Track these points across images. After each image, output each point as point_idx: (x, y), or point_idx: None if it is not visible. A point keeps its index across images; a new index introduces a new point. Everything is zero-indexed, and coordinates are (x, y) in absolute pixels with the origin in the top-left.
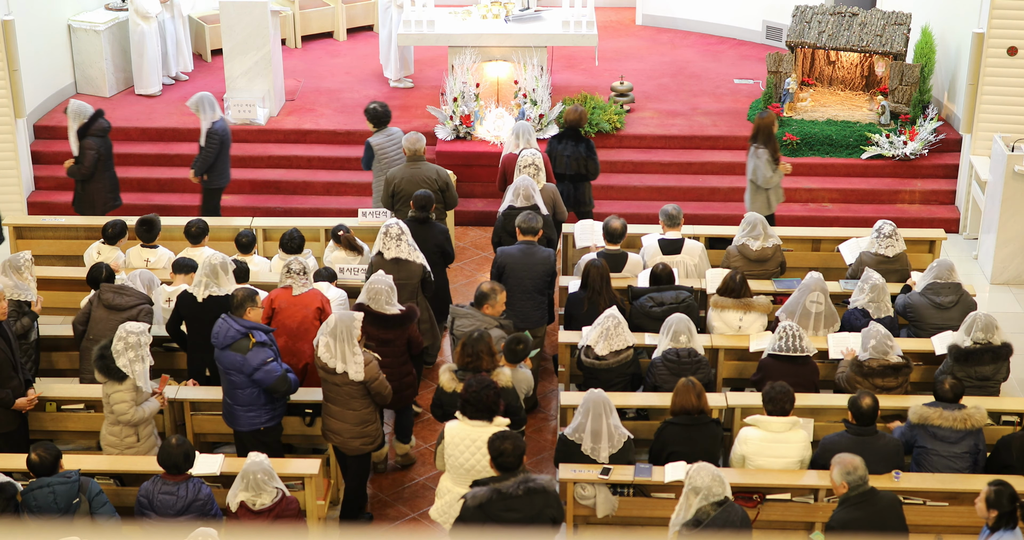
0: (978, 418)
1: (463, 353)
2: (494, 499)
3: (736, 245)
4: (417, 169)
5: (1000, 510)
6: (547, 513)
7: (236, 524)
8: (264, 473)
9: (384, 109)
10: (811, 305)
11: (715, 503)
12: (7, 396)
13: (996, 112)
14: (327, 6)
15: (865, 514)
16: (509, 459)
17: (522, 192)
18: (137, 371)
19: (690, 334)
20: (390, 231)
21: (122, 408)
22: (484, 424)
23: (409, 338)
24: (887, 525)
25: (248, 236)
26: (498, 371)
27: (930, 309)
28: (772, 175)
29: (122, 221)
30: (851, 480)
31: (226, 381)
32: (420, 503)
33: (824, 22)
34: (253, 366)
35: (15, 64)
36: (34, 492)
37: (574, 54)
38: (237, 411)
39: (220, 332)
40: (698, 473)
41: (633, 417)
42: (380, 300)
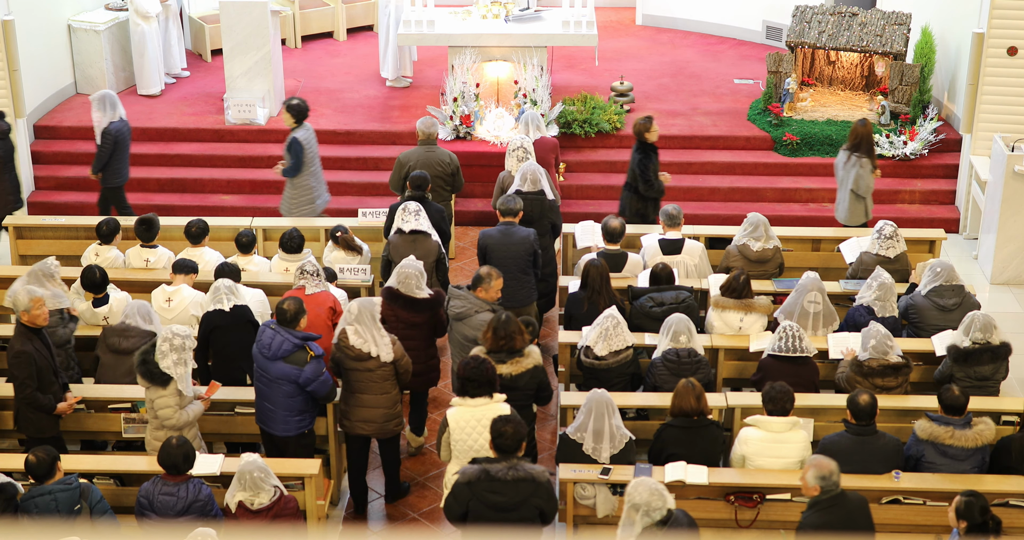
0: (988, 435)
1: (495, 337)
2: (482, 479)
3: (736, 245)
4: (431, 153)
5: (970, 522)
6: (534, 502)
7: (235, 524)
8: (260, 471)
9: (305, 104)
10: (809, 305)
11: (659, 522)
12: (49, 401)
13: (996, 112)
14: (327, 6)
15: (836, 517)
16: (508, 441)
17: (529, 177)
18: (180, 374)
19: (690, 334)
20: (408, 207)
21: (167, 413)
22: (486, 401)
23: (436, 322)
24: (857, 526)
25: (248, 236)
26: (529, 350)
27: (933, 311)
28: (872, 185)
29: (115, 219)
30: (825, 484)
31: (269, 388)
32: (420, 503)
33: (824, 22)
34: (310, 378)
35: (15, 64)
36: (35, 499)
37: (574, 54)
38: (283, 416)
39: (272, 344)
40: (636, 489)
41: (633, 417)
42: (411, 284)
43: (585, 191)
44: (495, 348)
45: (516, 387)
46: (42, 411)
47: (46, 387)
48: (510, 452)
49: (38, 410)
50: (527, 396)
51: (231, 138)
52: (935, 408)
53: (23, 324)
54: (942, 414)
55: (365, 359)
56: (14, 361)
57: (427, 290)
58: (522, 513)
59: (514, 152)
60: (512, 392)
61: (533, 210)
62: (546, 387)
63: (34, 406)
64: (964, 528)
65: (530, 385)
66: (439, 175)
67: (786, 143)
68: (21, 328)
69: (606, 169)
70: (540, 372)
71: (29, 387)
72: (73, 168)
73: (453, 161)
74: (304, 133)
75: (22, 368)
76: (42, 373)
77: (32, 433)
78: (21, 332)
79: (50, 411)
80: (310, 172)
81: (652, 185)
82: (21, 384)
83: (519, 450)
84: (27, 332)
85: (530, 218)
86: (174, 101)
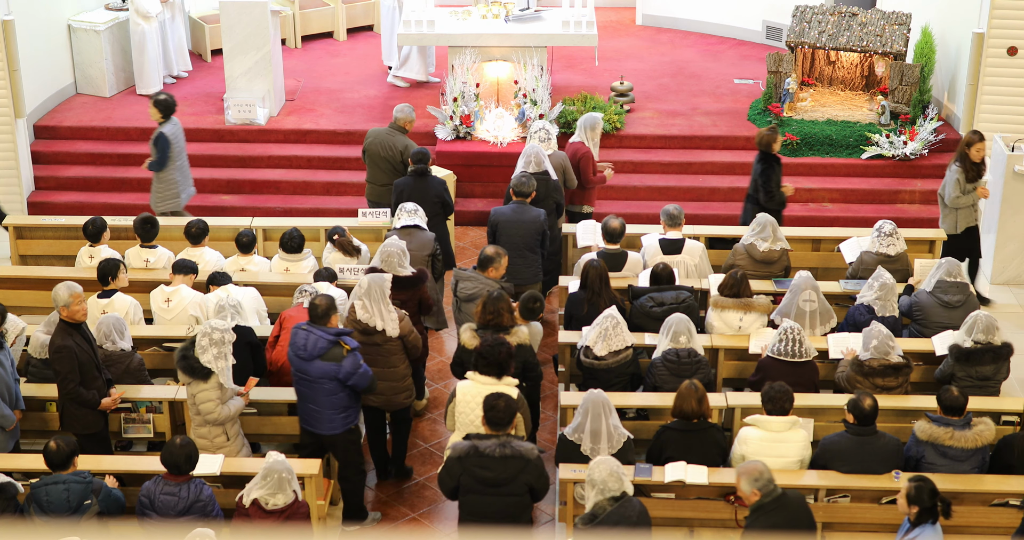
0: (988, 436)
1: (484, 311)
2: (471, 454)
3: (744, 244)
4: (390, 136)
5: (921, 506)
6: (523, 479)
7: (245, 522)
8: (288, 472)
9: (172, 99)
10: (804, 304)
11: (611, 498)
12: (93, 397)
13: (996, 112)
14: (327, 6)
15: (782, 519)
16: (499, 415)
17: (533, 158)
18: (221, 368)
19: (690, 334)
20: (406, 207)
21: (208, 407)
22: (494, 381)
23: (420, 299)
24: (801, 525)
25: (248, 236)
26: (516, 329)
27: (937, 308)
28: (960, 195)
29: (101, 218)
30: (761, 486)
31: (311, 389)
32: (420, 503)
33: (824, 22)
34: (350, 372)
35: (15, 64)
36: (47, 487)
37: (574, 54)
38: (329, 415)
39: (307, 344)
40: (597, 466)
41: (633, 417)
42: (393, 262)
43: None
44: (483, 323)
45: None
46: (86, 406)
47: (89, 382)
48: (502, 425)
49: (82, 405)
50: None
51: (231, 138)
52: (935, 408)
53: (63, 319)
54: (941, 415)
55: (371, 333)
56: (55, 356)
57: (410, 269)
58: (511, 489)
59: (536, 133)
60: None
61: (538, 190)
62: (533, 367)
63: (78, 401)
64: (915, 513)
65: (515, 363)
66: (387, 158)
67: (786, 143)
68: (61, 323)
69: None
70: (526, 351)
71: (72, 382)
72: (73, 168)
73: (406, 150)
74: (171, 128)
75: (64, 363)
76: (84, 368)
77: (78, 430)
78: (61, 327)
79: (94, 406)
80: (176, 167)
81: (773, 196)
82: (64, 379)
83: (510, 425)
84: (67, 327)
85: (535, 198)
86: None
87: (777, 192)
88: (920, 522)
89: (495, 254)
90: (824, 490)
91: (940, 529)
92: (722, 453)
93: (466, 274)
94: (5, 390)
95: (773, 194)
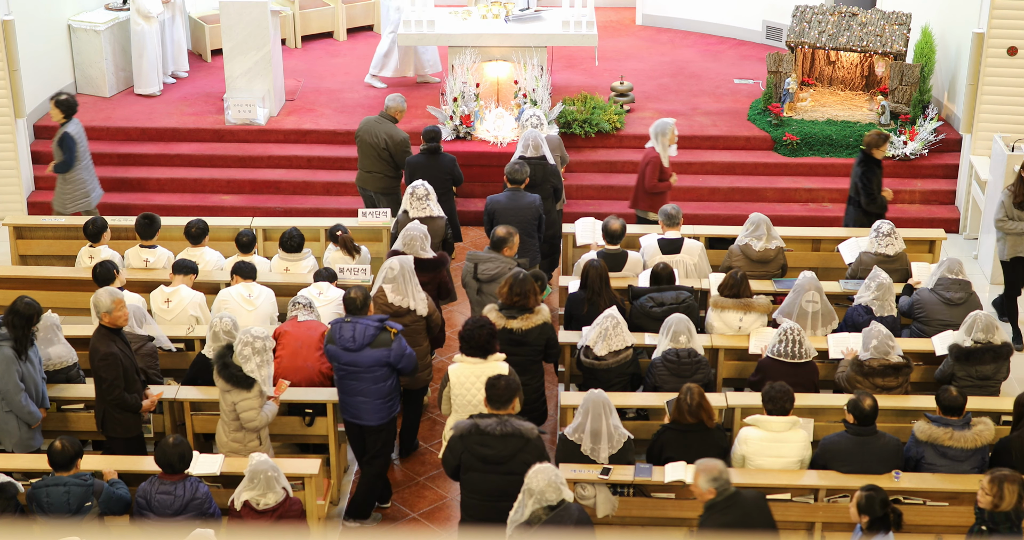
0: (987, 436)
1: (511, 292)
2: (473, 433)
3: (739, 244)
4: (378, 124)
5: (872, 515)
6: (522, 457)
7: (239, 523)
8: (273, 471)
9: (74, 99)
10: (807, 304)
11: (547, 507)
12: (136, 401)
13: (996, 112)
14: (327, 6)
15: (734, 517)
16: (500, 393)
17: (531, 142)
18: (263, 376)
19: (690, 334)
20: (416, 192)
21: (250, 415)
22: (479, 361)
23: (440, 281)
24: (755, 524)
25: (248, 236)
26: (539, 308)
27: (939, 305)
28: (1005, 220)
29: (102, 218)
30: (718, 485)
31: (361, 382)
32: (420, 503)
33: (824, 22)
34: (400, 354)
35: (15, 64)
36: (48, 488)
37: (574, 54)
38: (377, 405)
39: (355, 335)
40: (536, 476)
41: (633, 417)
42: (415, 245)
43: (585, 191)
44: (509, 303)
45: (526, 342)
46: (129, 411)
47: (131, 386)
48: (502, 404)
49: (125, 410)
50: (536, 351)
51: (231, 138)
52: (935, 408)
53: (104, 326)
54: (940, 415)
55: (401, 314)
56: (101, 364)
57: (431, 251)
58: (511, 467)
59: (528, 120)
60: (522, 347)
61: (536, 174)
62: (554, 344)
63: (122, 407)
64: (867, 523)
65: (539, 341)
66: (373, 145)
67: (786, 143)
68: (103, 330)
69: (606, 169)
70: (549, 329)
71: (117, 388)
72: None
73: (394, 139)
74: (75, 127)
75: (110, 370)
76: (127, 373)
77: (119, 433)
78: (103, 334)
79: (136, 410)
80: (82, 166)
81: (875, 199)
82: (110, 386)
83: (510, 404)
84: (109, 333)
85: (533, 182)
86: (174, 101)
87: (879, 195)
88: (873, 531)
89: (507, 234)
90: (824, 490)
91: (893, 538)
92: (722, 453)
93: (484, 255)
94: (33, 388)
95: (875, 197)
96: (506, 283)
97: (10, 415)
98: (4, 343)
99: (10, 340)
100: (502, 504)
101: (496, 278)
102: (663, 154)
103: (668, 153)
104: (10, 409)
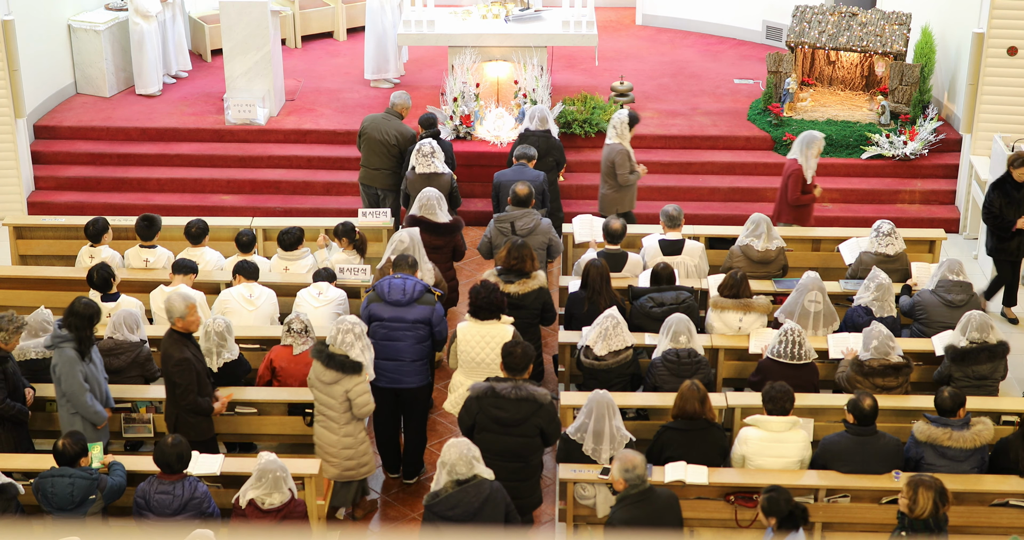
0: (987, 436)
1: (509, 256)
2: (488, 395)
3: (740, 245)
4: (386, 121)
5: (779, 516)
6: (534, 421)
7: (242, 522)
8: (282, 471)
9: None
10: (809, 305)
11: (456, 481)
12: (209, 405)
13: (996, 112)
14: (327, 6)
15: (643, 512)
16: (516, 361)
17: (537, 115)
18: (368, 360)
19: (690, 334)
20: (423, 149)
21: (364, 399)
22: (494, 322)
23: (455, 245)
24: (664, 522)
25: (248, 236)
26: (536, 273)
27: (940, 307)
28: None
29: (103, 219)
30: (629, 478)
31: (403, 341)
32: (420, 503)
33: (824, 22)
34: (441, 315)
35: (15, 64)
36: (54, 479)
37: (574, 54)
38: (415, 367)
39: (406, 288)
40: (449, 449)
41: (633, 417)
42: (432, 208)
43: (585, 191)
44: (507, 267)
45: (523, 306)
46: (202, 415)
47: (203, 390)
48: (518, 371)
49: (198, 414)
50: (533, 314)
51: (231, 138)
52: (934, 409)
53: (176, 330)
54: (939, 416)
55: None
56: (175, 369)
57: (447, 215)
58: (523, 430)
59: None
60: (519, 311)
61: (540, 146)
62: (550, 308)
63: (195, 411)
64: (775, 524)
65: (535, 305)
66: (382, 141)
67: (786, 143)
68: (175, 335)
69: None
70: (545, 294)
71: (191, 393)
72: (73, 168)
73: (404, 135)
74: None
75: (184, 375)
76: (200, 377)
77: (193, 437)
78: (176, 338)
79: (208, 413)
80: None
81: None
82: (184, 391)
83: (526, 371)
84: (181, 338)
85: (537, 155)
86: (174, 101)
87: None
88: (783, 531)
89: (529, 190)
90: (824, 490)
91: (803, 535)
92: (722, 453)
93: (518, 213)
94: (97, 388)
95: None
96: (505, 248)
97: (75, 416)
98: (67, 345)
99: (72, 341)
100: (512, 464)
101: (533, 231)
102: (806, 167)
103: (810, 166)
104: (76, 410)
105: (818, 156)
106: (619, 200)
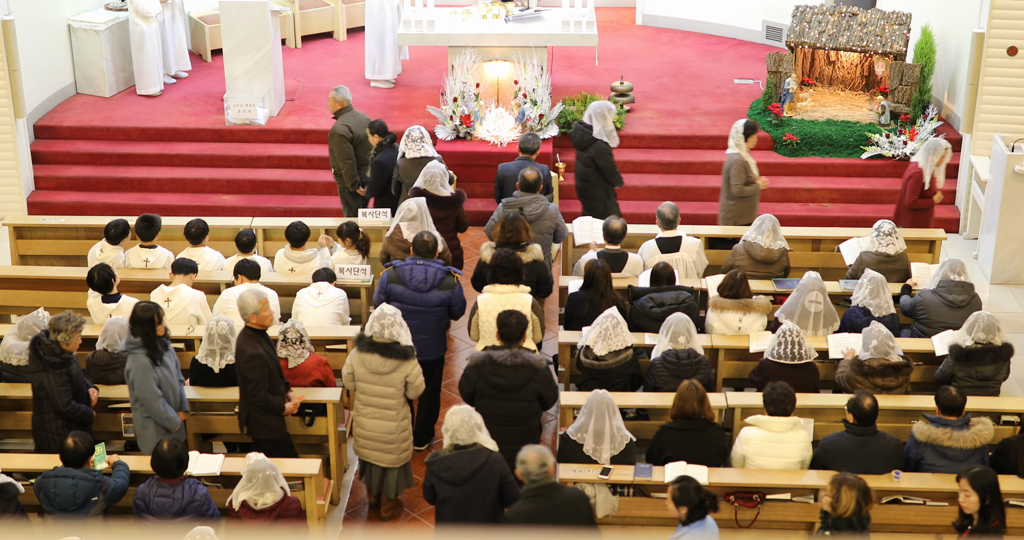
0: (987, 435)
1: (503, 230)
2: (486, 363)
3: (743, 244)
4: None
5: (689, 505)
6: (532, 386)
7: (237, 523)
8: (271, 470)
9: None
10: (810, 305)
11: (455, 445)
12: (279, 403)
13: (996, 112)
14: (327, 6)
15: (540, 507)
16: (511, 330)
17: (595, 113)
18: (414, 344)
19: (689, 335)
20: (412, 134)
21: (421, 380)
22: (512, 289)
23: (457, 217)
24: (562, 520)
25: (248, 236)
26: (531, 246)
27: (942, 307)
28: None
29: (124, 221)
30: (524, 469)
31: (424, 321)
32: (420, 503)
33: (824, 22)
34: (460, 297)
35: (15, 64)
36: (57, 479)
37: (574, 54)
38: (436, 341)
39: (427, 276)
40: (452, 415)
41: (633, 417)
42: (435, 182)
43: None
44: (502, 240)
45: None
46: (272, 413)
47: (275, 388)
48: (514, 340)
49: (268, 412)
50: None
51: (231, 138)
52: (935, 408)
53: (250, 327)
54: (939, 415)
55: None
56: (247, 365)
57: (449, 189)
58: (521, 395)
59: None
60: None
61: (582, 139)
62: (546, 280)
63: (266, 409)
64: (686, 514)
65: (530, 277)
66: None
67: (786, 143)
68: (249, 331)
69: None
70: (540, 266)
71: (262, 390)
72: (73, 168)
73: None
74: None
75: (256, 371)
76: (271, 375)
77: (263, 435)
78: (249, 334)
79: (279, 412)
80: None
81: None
82: (255, 387)
83: (521, 339)
84: (255, 334)
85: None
86: (174, 101)
87: None
88: (692, 520)
89: (538, 176)
90: None
91: (712, 522)
92: (722, 453)
93: (526, 198)
94: (171, 393)
95: None
96: (499, 223)
97: (148, 420)
98: (139, 351)
99: (144, 347)
100: (512, 428)
101: (541, 216)
102: (927, 171)
103: (935, 173)
104: (148, 416)
105: (942, 164)
106: (739, 212)
